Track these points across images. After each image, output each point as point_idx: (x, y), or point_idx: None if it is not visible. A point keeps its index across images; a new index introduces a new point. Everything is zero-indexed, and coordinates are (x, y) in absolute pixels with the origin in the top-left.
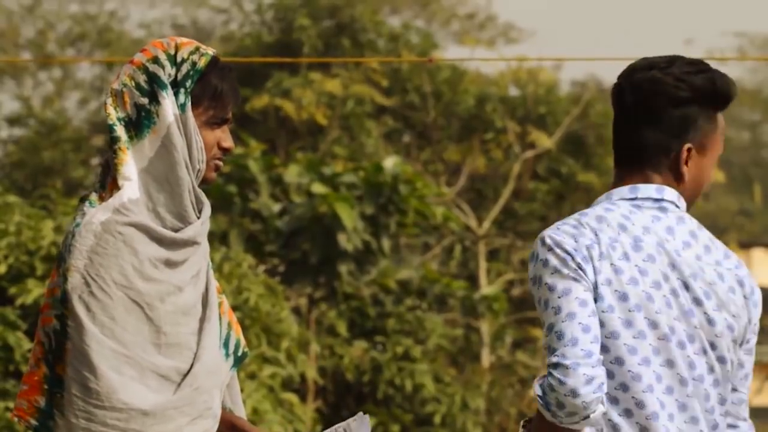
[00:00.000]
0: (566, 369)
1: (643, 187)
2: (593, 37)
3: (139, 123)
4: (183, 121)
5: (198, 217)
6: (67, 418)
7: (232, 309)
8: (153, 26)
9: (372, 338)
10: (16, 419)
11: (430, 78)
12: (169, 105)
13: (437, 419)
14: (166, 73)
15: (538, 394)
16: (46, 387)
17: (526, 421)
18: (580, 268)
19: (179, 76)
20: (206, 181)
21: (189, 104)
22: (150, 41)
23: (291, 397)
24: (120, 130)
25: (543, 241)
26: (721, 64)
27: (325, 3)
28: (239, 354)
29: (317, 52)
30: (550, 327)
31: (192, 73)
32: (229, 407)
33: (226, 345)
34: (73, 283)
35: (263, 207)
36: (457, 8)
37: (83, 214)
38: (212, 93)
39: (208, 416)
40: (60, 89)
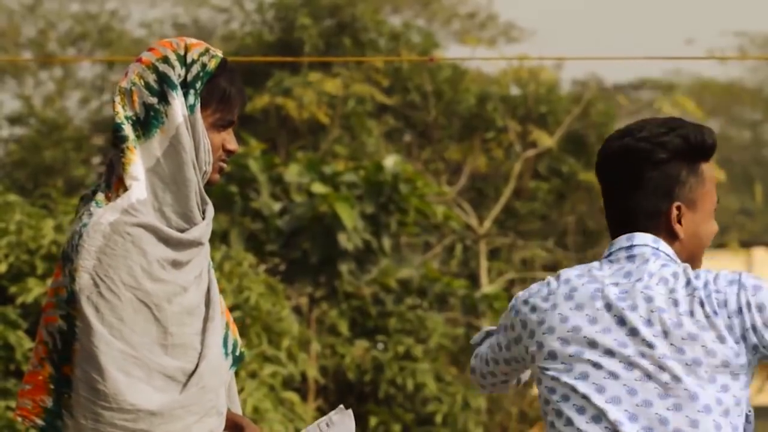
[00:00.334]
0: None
1: (639, 235)
2: (594, 36)
3: (147, 122)
4: (192, 122)
5: (203, 218)
6: (76, 419)
7: (233, 308)
8: (154, 25)
9: (373, 337)
10: (19, 419)
11: (431, 77)
12: (178, 105)
13: (438, 418)
14: (176, 73)
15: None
16: (52, 387)
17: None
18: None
19: (189, 77)
20: (210, 183)
21: (198, 106)
22: (152, 40)
23: (292, 396)
24: (128, 129)
25: None
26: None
27: (326, 2)
28: (237, 354)
29: (318, 52)
30: None
31: (202, 74)
32: (227, 406)
33: (225, 344)
34: (82, 283)
35: (264, 206)
36: (458, 7)
37: (90, 214)
38: (221, 96)
39: (214, 414)
40: (61, 88)
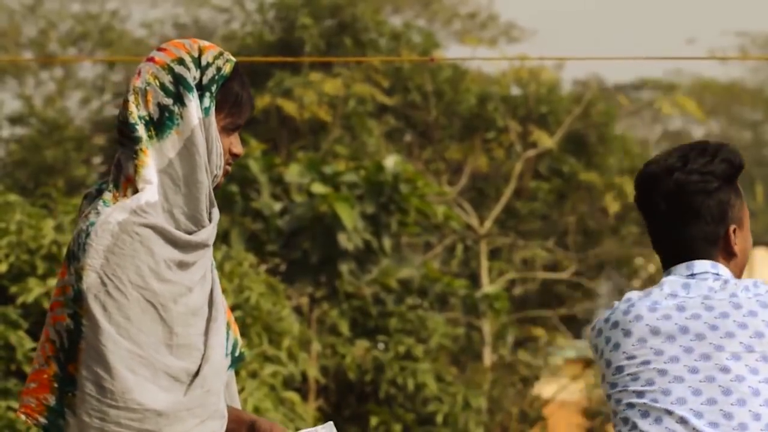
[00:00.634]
0: None
1: (699, 263)
2: (595, 36)
3: (161, 123)
4: (206, 125)
5: (210, 221)
6: (79, 417)
7: (234, 308)
8: (155, 25)
9: (374, 337)
10: (23, 416)
11: (432, 77)
12: (194, 108)
13: (439, 418)
14: (192, 75)
15: None
16: (56, 385)
17: None
18: None
19: (204, 80)
20: (216, 187)
21: (213, 109)
22: (152, 40)
23: (292, 396)
24: (141, 130)
25: None
26: (722, 64)
27: (327, 2)
28: (236, 354)
29: (319, 52)
30: None
31: (217, 78)
32: (227, 404)
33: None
34: (89, 282)
35: (264, 206)
36: (458, 7)
37: (98, 213)
38: (234, 100)
39: (217, 417)
40: (62, 88)
